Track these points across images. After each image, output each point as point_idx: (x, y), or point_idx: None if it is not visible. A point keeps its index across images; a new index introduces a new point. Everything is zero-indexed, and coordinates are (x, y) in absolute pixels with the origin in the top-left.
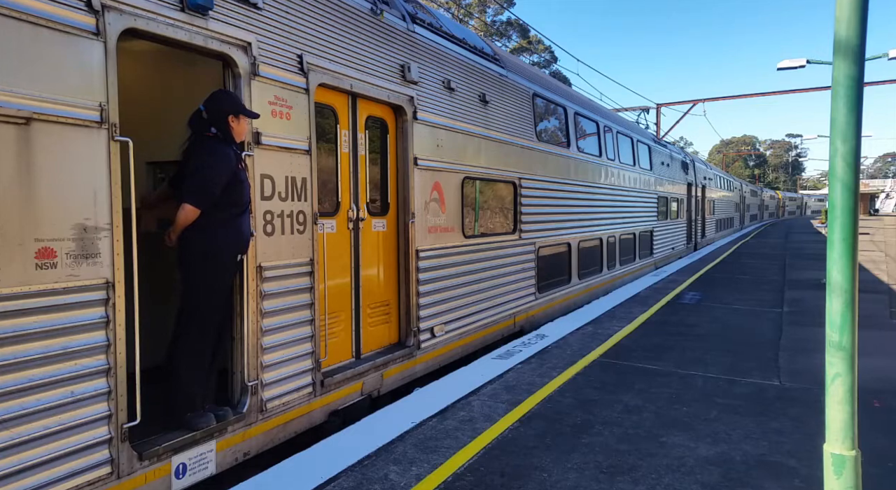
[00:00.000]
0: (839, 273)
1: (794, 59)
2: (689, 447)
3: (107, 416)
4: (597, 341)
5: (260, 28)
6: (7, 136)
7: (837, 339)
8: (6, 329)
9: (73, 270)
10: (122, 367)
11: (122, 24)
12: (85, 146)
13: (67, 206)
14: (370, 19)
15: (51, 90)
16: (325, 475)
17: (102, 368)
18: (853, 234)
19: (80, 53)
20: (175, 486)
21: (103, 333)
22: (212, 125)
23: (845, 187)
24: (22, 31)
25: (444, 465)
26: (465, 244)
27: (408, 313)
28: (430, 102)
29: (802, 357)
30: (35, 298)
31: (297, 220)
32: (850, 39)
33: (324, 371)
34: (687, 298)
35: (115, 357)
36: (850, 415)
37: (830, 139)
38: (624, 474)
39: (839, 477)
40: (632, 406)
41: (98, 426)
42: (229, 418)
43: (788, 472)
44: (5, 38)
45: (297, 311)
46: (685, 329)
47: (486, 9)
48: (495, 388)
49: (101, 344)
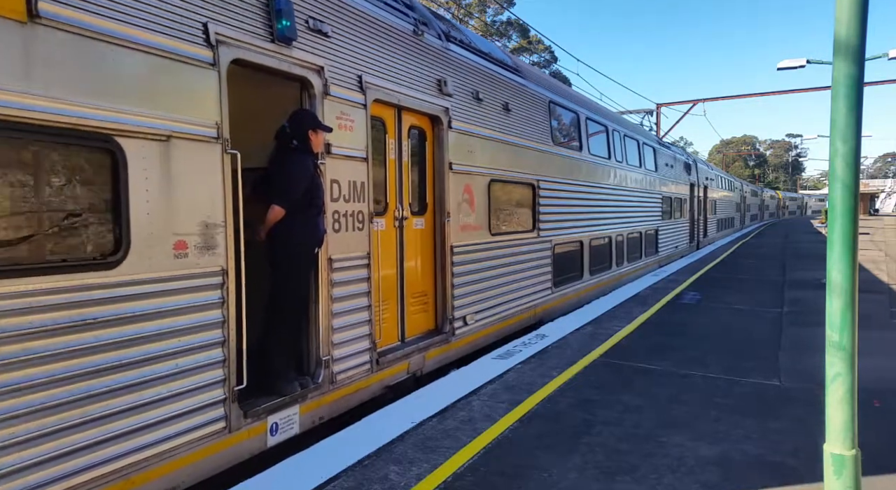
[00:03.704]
0: (839, 273)
1: (794, 59)
2: (689, 447)
3: (222, 380)
4: (597, 341)
5: (330, 54)
6: (155, 151)
7: (837, 339)
8: (157, 305)
9: (199, 260)
10: (233, 339)
11: (231, 56)
12: (206, 158)
13: (194, 206)
14: (413, 40)
15: (181, 112)
16: (325, 475)
17: (219, 340)
18: (853, 234)
19: (201, 81)
20: (269, 441)
21: (220, 312)
22: (294, 138)
23: (845, 187)
24: (161, 65)
25: (444, 465)
26: (491, 241)
27: (444, 303)
28: (463, 112)
29: (802, 357)
30: (174, 282)
31: (357, 219)
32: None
33: (378, 351)
34: (687, 298)
35: (228, 331)
36: (850, 415)
37: (830, 139)
38: (624, 474)
39: (839, 477)
40: (632, 406)
41: (215, 388)
42: (309, 387)
43: (788, 472)
44: (151, 71)
45: (358, 297)
46: (685, 329)
47: (486, 9)
48: (495, 388)
49: (218, 320)
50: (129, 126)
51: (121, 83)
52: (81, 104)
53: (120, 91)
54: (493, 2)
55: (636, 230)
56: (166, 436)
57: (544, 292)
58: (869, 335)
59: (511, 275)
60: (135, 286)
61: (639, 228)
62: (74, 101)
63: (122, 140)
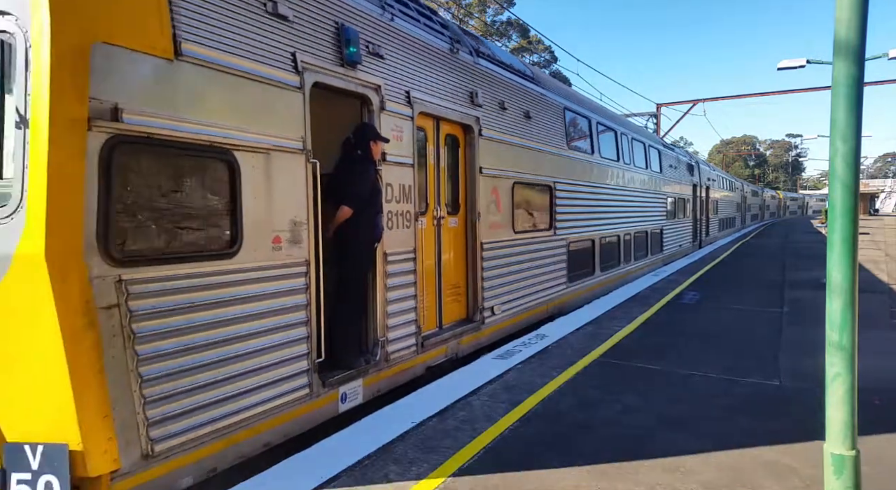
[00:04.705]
0: (839, 273)
1: (794, 59)
2: (689, 447)
3: (306, 354)
4: (597, 341)
5: (385, 73)
6: (259, 162)
7: (837, 339)
8: (261, 289)
9: (289, 252)
10: (314, 319)
11: (313, 79)
12: (294, 167)
13: (286, 207)
14: (449, 57)
15: (277, 129)
16: (325, 475)
17: (304, 320)
18: (853, 234)
19: (291, 102)
20: (340, 408)
21: (304, 296)
22: (357, 148)
23: (845, 187)
24: (263, 89)
25: (444, 465)
26: (514, 239)
27: (475, 294)
28: (491, 121)
29: (802, 357)
30: (272, 270)
31: (405, 218)
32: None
33: (422, 335)
34: (687, 298)
35: (311, 312)
36: (850, 415)
37: (830, 139)
38: (624, 474)
39: (839, 477)
40: (632, 406)
41: (302, 360)
42: (371, 363)
43: (788, 472)
44: (256, 95)
45: (407, 287)
46: (685, 329)
47: (486, 9)
48: (495, 388)
49: (303, 303)
50: (243, 141)
51: (237, 106)
52: (212, 125)
53: (236, 112)
54: (493, 2)
55: (642, 229)
56: (267, 398)
57: (560, 287)
58: (869, 335)
59: (531, 270)
60: (246, 273)
61: (645, 228)
62: (207, 123)
63: (237, 153)
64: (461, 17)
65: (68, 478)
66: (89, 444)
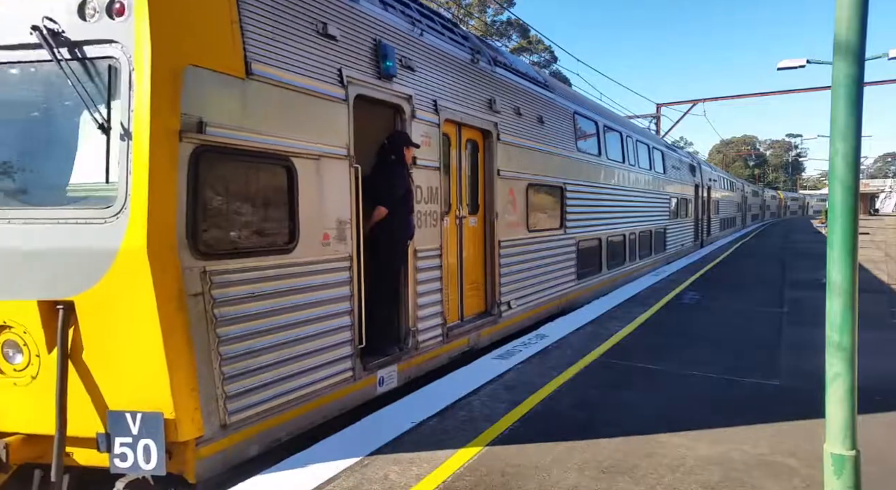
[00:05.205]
0: (839, 273)
1: (794, 59)
2: (689, 447)
3: (350, 340)
4: (597, 341)
5: (416, 84)
6: (312, 167)
7: (837, 339)
8: (313, 281)
9: (336, 248)
10: (356, 308)
11: (355, 92)
12: (340, 171)
13: (334, 207)
14: (470, 67)
15: (326, 137)
16: (325, 475)
17: (348, 310)
18: (853, 234)
19: (338, 113)
20: (378, 390)
21: (349, 288)
22: (391, 153)
23: (845, 187)
24: (314, 102)
25: (444, 465)
26: (528, 237)
27: (493, 289)
28: (507, 126)
29: (802, 357)
30: (322, 264)
31: (433, 218)
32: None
33: (447, 326)
34: (687, 298)
35: (353, 302)
36: (849, 415)
37: (830, 139)
38: (624, 474)
39: (839, 477)
40: (632, 406)
41: (347, 346)
42: (403, 350)
43: (788, 472)
44: (309, 107)
45: (434, 282)
46: (685, 329)
47: (487, 9)
48: (495, 388)
49: (348, 294)
50: (299, 149)
51: (294, 117)
52: (275, 134)
53: (293, 123)
54: (493, 2)
55: (647, 229)
56: (318, 378)
57: (570, 283)
58: (869, 335)
59: (544, 267)
60: (301, 266)
61: (649, 227)
62: (271, 133)
63: (295, 160)
64: (461, 17)
65: (164, 442)
66: (180, 413)
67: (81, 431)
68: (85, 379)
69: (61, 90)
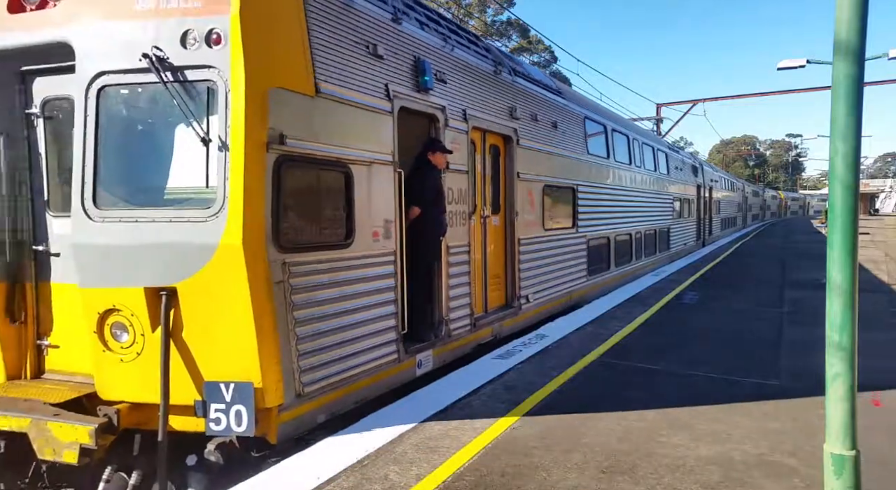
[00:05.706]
0: (839, 273)
1: (794, 59)
2: (688, 447)
3: (395, 326)
4: (597, 341)
5: (448, 96)
6: (365, 172)
7: (837, 339)
8: (366, 273)
9: (383, 244)
10: (399, 298)
11: (399, 104)
12: (386, 175)
13: (381, 208)
14: (493, 77)
15: (375, 145)
16: (325, 475)
17: (393, 299)
18: (853, 234)
19: (385, 124)
20: (417, 372)
21: (393, 279)
22: (426, 158)
23: (845, 187)
24: (366, 114)
25: (444, 465)
26: (545, 235)
27: (513, 283)
28: (526, 131)
29: (802, 357)
30: (373, 258)
31: (462, 217)
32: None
33: (474, 317)
34: (687, 298)
35: (398, 292)
36: (849, 415)
37: (830, 139)
38: (624, 474)
39: (839, 477)
40: (632, 406)
41: (392, 331)
42: (439, 336)
43: (788, 472)
44: (361, 119)
45: (463, 276)
46: (685, 329)
47: (487, 9)
48: (495, 388)
49: (392, 285)
50: (354, 157)
51: (351, 128)
52: (337, 144)
53: (351, 133)
54: (493, 2)
55: (652, 228)
56: (370, 359)
57: (580, 279)
58: (869, 335)
59: (558, 263)
60: (357, 259)
61: (654, 226)
62: (334, 143)
63: (352, 166)
64: (461, 17)
65: (254, 408)
66: (267, 382)
67: (180, 400)
68: (184, 354)
69: (165, 108)
